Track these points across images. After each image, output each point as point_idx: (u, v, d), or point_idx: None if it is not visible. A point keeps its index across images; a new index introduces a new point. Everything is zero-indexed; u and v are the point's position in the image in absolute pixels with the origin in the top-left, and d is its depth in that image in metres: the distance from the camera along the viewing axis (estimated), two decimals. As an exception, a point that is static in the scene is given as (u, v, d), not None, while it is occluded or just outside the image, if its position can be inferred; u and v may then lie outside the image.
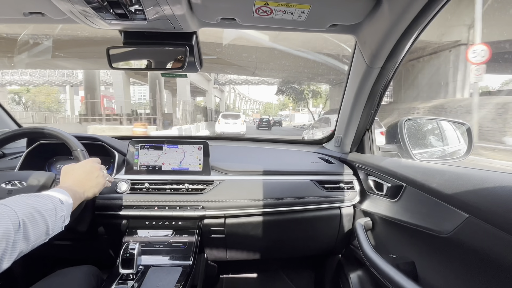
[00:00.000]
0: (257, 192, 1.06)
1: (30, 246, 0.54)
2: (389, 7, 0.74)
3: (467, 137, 1.17)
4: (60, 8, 0.72)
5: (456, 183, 0.65)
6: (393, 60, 0.92)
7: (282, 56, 15.53)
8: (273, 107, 64.37)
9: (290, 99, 31.60)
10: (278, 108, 62.66)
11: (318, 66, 16.47)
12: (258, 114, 55.22)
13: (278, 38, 12.59)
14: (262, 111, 65.72)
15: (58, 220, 0.60)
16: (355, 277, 1.13)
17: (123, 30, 0.89)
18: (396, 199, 0.88)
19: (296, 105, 40.28)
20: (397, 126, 1.17)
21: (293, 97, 27.91)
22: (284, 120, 39.67)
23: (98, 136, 1.14)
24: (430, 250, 0.72)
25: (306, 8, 0.77)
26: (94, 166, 0.81)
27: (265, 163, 1.23)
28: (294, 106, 45.02)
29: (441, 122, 1.50)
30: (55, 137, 0.91)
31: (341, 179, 1.16)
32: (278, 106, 62.42)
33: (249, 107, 70.69)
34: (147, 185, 1.04)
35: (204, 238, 1.07)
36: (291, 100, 33.19)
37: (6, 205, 0.51)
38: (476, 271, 0.57)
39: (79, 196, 0.72)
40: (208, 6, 0.79)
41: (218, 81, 33.07)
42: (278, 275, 1.54)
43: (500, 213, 0.51)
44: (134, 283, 0.82)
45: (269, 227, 1.10)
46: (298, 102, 33.82)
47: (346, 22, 0.87)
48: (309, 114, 36.04)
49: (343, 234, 1.17)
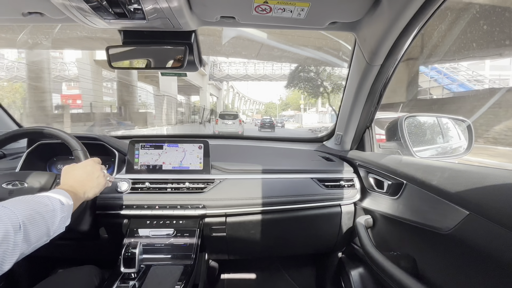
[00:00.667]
0: (257, 191, 1.06)
1: (31, 247, 0.54)
2: (389, 5, 0.73)
3: (467, 134, 1.17)
4: (59, 8, 0.72)
5: (456, 180, 0.65)
6: (393, 57, 0.92)
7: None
8: (276, 107, 60.59)
9: (304, 93, 25.53)
10: (280, 108, 59.57)
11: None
12: (259, 114, 52.66)
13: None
14: (263, 112, 62.52)
15: (58, 221, 0.60)
16: (356, 275, 1.13)
17: (122, 29, 0.88)
18: (397, 196, 0.88)
19: (313, 100, 33.71)
20: (397, 123, 1.17)
21: (309, 91, 22.55)
22: (287, 121, 37.27)
23: (99, 136, 1.14)
24: (431, 247, 0.72)
25: (305, 6, 0.77)
26: (95, 166, 0.81)
27: (266, 161, 1.23)
28: (307, 103, 40.01)
29: (441, 119, 1.50)
30: (56, 137, 0.91)
31: (341, 177, 1.16)
32: (281, 106, 58.93)
33: (248, 108, 67.48)
34: (147, 184, 1.04)
35: (205, 237, 1.07)
36: (306, 95, 27.82)
37: (6, 207, 0.51)
38: (476, 268, 0.57)
39: (80, 197, 0.72)
40: (207, 5, 0.79)
41: (214, 76, 28.26)
42: (279, 273, 1.54)
43: (501, 210, 0.51)
44: (135, 282, 0.83)
45: (270, 226, 1.11)
46: (314, 98, 27.68)
47: (346, 20, 0.86)
48: (319, 114, 31.73)
49: (344, 231, 1.17)
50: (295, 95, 41.58)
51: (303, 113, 39.60)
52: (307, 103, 34.07)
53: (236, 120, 14.26)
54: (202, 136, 1.30)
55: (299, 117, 37.15)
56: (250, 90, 66.88)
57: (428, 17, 0.75)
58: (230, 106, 47.92)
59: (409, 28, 0.78)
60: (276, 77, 28.20)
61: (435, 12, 0.73)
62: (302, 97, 32.31)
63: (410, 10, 0.72)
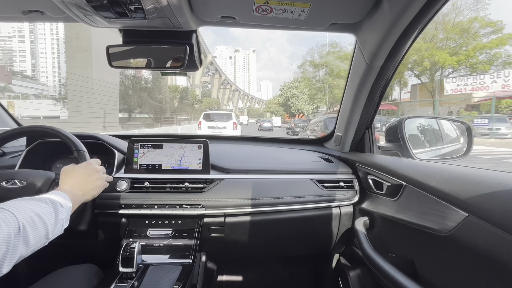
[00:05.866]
0: (257, 191, 1.06)
1: (30, 250, 0.54)
2: (389, 6, 0.73)
3: (467, 136, 1.17)
4: (59, 6, 0.72)
5: (455, 182, 0.65)
6: (393, 59, 0.92)
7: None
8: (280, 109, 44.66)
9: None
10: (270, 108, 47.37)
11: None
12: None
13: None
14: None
15: (57, 223, 0.60)
16: (355, 276, 1.13)
17: (122, 29, 0.88)
18: (396, 198, 0.88)
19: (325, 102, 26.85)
20: (397, 125, 1.17)
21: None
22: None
23: (98, 135, 1.14)
24: (430, 249, 0.72)
25: (306, 7, 0.77)
26: (94, 168, 0.81)
27: (265, 162, 1.23)
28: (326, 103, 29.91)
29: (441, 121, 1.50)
30: (56, 136, 0.91)
31: (341, 178, 1.16)
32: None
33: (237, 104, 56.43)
34: (147, 184, 1.04)
35: (203, 236, 1.07)
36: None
37: (5, 209, 0.51)
38: (475, 270, 0.57)
39: (78, 199, 0.72)
40: (208, 5, 0.79)
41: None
42: (278, 274, 1.54)
43: (500, 212, 0.51)
44: (134, 282, 0.83)
45: (268, 226, 1.10)
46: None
47: (346, 21, 0.87)
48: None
49: (343, 233, 1.17)
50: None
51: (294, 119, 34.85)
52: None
53: (230, 122, 10.14)
54: (202, 136, 1.30)
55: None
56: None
57: (428, 19, 0.75)
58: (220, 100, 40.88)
59: (409, 29, 0.78)
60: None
61: (436, 14, 0.73)
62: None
63: (411, 11, 0.72)
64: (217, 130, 9.74)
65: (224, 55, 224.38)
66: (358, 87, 1.07)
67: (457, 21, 17.05)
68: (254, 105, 79.15)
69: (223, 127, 9.95)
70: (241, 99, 64.69)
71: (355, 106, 1.14)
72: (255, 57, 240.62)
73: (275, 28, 0.93)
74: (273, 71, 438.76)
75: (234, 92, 50.37)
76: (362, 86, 1.06)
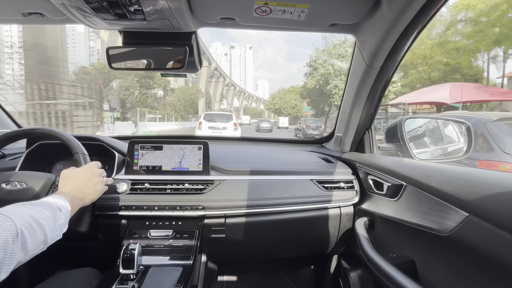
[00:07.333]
0: (257, 192, 1.06)
1: (28, 256, 0.53)
2: (389, 7, 0.74)
3: (467, 136, 1.17)
4: (59, 9, 0.72)
5: (456, 182, 0.65)
6: (392, 59, 0.92)
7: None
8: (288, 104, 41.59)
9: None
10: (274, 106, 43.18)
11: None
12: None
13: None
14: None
15: (56, 228, 0.60)
16: (355, 277, 1.13)
17: (122, 30, 0.89)
18: (396, 198, 0.88)
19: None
20: (397, 125, 1.18)
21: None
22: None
23: (98, 136, 1.14)
24: (430, 249, 0.72)
25: (305, 8, 0.77)
26: (94, 172, 0.80)
27: (265, 162, 1.23)
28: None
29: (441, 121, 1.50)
30: (57, 138, 0.91)
31: (341, 179, 1.16)
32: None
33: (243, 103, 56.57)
34: (147, 185, 1.04)
35: (204, 238, 1.07)
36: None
37: (4, 214, 0.50)
38: (476, 270, 0.57)
39: (77, 203, 0.72)
40: (207, 6, 0.79)
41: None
42: (278, 275, 1.54)
43: (500, 212, 0.51)
44: (134, 283, 0.82)
45: (269, 227, 1.10)
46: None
47: (346, 22, 0.87)
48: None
49: (343, 233, 1.17)
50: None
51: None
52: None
53: (230, 123, 10.43)
54: (202, 137, 1.30)
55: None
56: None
57: (428, 19, 0.75)
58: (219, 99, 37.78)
59: (408, 30, 0.79)
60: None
61: (435, 14, 0.73)
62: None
63: (410, 12, 0.72)
64: (218, 131, 9.89)
65: (220, 52, 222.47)
66: (358, 88, 1.07)
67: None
68: (251, 104, 77.73)
69: (223, 127, 10.14)
70: (237, 96, 61.76)
71: (355, 107, 1.14)
72: (251, 54, 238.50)
73: (275, 29, 0.93)
74: (269, 71, 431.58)
75: (229, 87, 46.32)
76: (362, 86, 1.06)
